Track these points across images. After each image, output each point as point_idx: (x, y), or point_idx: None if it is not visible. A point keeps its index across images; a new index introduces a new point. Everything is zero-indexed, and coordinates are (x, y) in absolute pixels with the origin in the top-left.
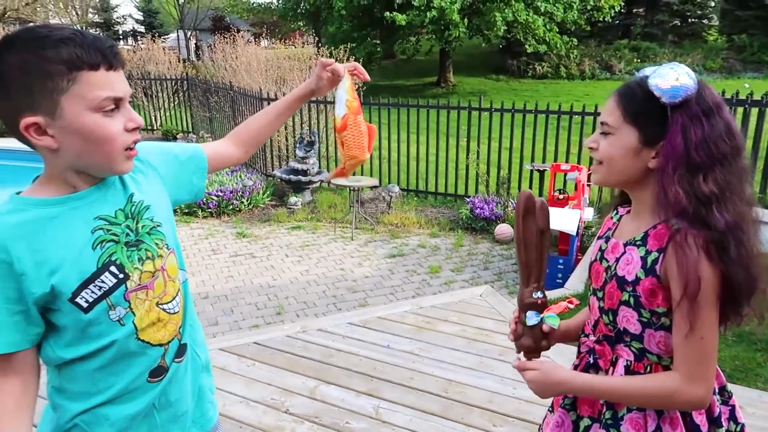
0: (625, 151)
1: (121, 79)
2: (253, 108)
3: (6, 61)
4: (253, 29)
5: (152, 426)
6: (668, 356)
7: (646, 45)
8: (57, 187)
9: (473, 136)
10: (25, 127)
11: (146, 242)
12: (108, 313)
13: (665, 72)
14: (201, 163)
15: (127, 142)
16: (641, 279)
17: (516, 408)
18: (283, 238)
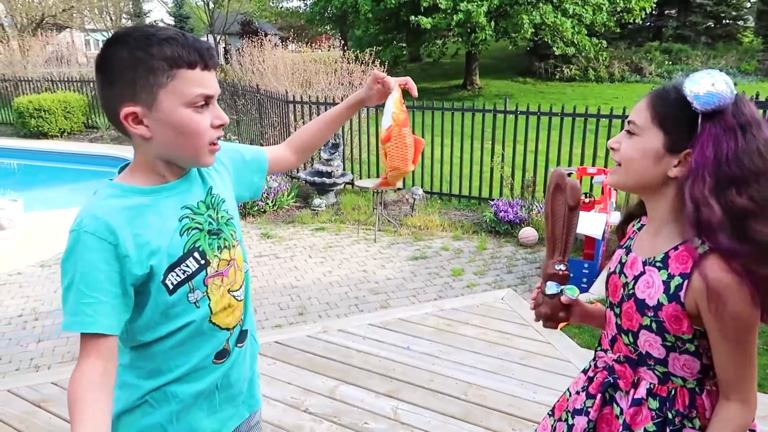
0: (647, 154)
1: (213, 78)
2: (278, 110)
3: (117, 55)
4: (280, 33)
5: (212, 405)
6: (693, 378)
7: (678, 47)
8: (146, 175)
9: (498, 139)
10: (125, 115)
11: (224, 232)
12: (188, 295)
13: (701, 77)
14: (262, 164)
15: (213, 137)
16: (664, 305)
17: (536, 412)
18: (307, 240)
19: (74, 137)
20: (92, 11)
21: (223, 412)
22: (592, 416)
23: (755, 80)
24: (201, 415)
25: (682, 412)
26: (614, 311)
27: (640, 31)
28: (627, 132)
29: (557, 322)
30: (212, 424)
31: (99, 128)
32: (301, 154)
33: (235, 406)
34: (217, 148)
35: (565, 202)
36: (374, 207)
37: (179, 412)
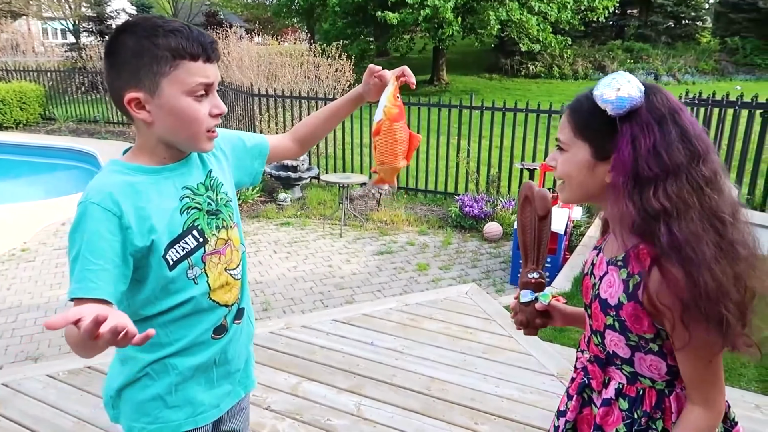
0: (580, 167)
1: (215, 70)
2: (244, 103)
3: (124, 43)
4: (246, 25)
5: (209, 379)
6: (661, 380)
7: (640, 46)
8: (148, 157)
9: (464, 135)
10: (128, 100)
11: (223, 213)
12: (187, 272)
13: (608, 82)
14: (264, 150)
15: (210, 125)
16: (624, 304)
17: (498, 406)
18: (272, 234)
19: (30, 129)
20: None
21: (220, 388)
22: (569, 417)
23: (712, 79)
24: (199, 388)
25: (648, 413)
26: (587, 312)
27: (604, 30)
28: (558, 148)
29: (535, 328)
30: (210, 398)
31: (56, 120)
32: (303, 144)
33: (232, 383)
34: (215, 135)
35: (535, 213)
36: (340, 202)
37: (178, 384)
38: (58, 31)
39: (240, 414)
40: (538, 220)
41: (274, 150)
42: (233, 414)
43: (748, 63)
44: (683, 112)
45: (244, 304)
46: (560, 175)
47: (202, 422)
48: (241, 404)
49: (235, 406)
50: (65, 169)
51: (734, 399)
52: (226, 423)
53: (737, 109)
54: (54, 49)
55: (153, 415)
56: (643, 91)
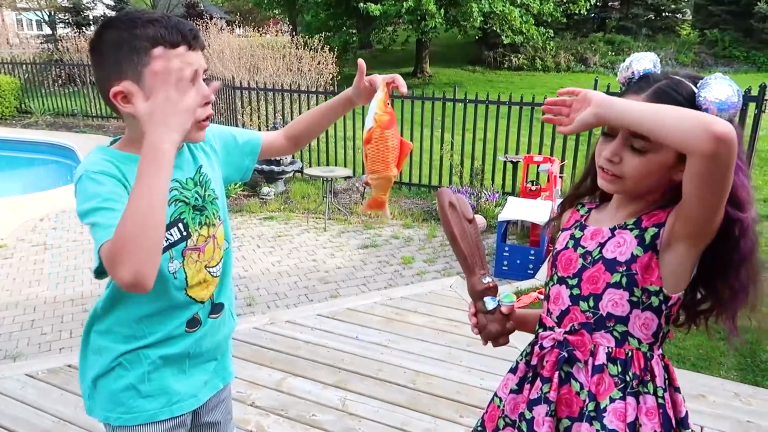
0: (662, 169)
1: (199, 57)
2: (225, 96)
3: (105, 37)
4: (227, 17)
5: (181, 369)
6: (647, 342)
7: (621, 38)
8: (138, 149)
9: (448, 127)
10: (114, 94)
11: (208, 209)
12: (168, 264)
13: (720, 85)
14: (255, 148)
15: (201, 115)
16: (639, 256)
17: (483, 399)
18: (255, 229)
19: (6, 122)
20: None
21: (195, 378)
22: (552, 397)
23: (691, 71)
24: (173, 378)
25: (638, 375)
26: (567, 284)
27: (585, 23)
28: (631, 146)
29: (508, 335)
30: (185, 388)
31: (33, 113)
32: (295, 142)
33: (206, 372)
34: (206, 125)
35: (462, 217)
36: (324, 195)
37: (150, 373)
38: (33, 23)
39: (220, 406)
40: (468, 223)
41: (266, 147)
42: (213, 406)
43: (727, 55)
44: None
45: (224, 300)
46: (631, 174)
47: (178, 412)
48: (221, 396)
49: (214, 398)
50: (43, 164)
51: (714, 387)
52: (206, 415)
53: None
54: (29, 40)
55: (127, 404)
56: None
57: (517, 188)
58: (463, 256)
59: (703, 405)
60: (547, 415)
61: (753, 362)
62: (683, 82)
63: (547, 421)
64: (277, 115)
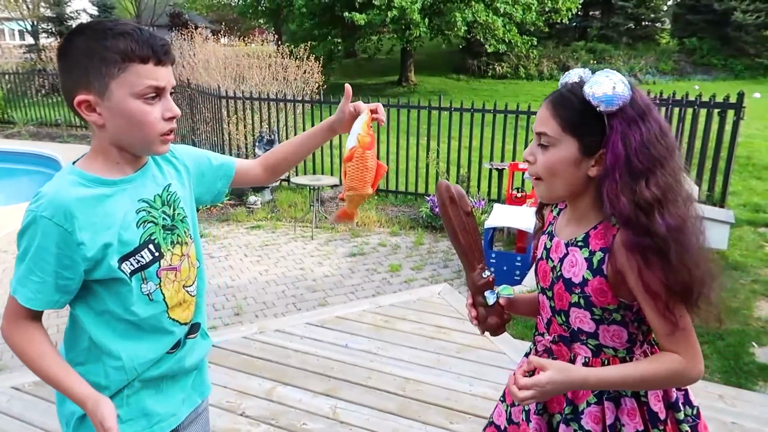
0: (567, 163)
1: (168, 73)
2: (211, 106)
3: (74, 44)
4: (212, 26)
5: (158, 389)
6: (623, 348)
7: (602, 47)
8: (103, 162)
9: (433, 135)
10: (78, 102)
11: (179, 228)
12: (141, 287)
13: (601, 80)
14: (229, 172)
15: (164, 128)
16: (589, 280)
17: (473, 405)
18: (242, 238)
19: None
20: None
21: (171, 396)
22: None
23: (672, 79)
24: (150, 400)
25: None
26: (546, 295)
27: (567, 31)
28: (540, 143)
29: (505, 325)
30: (164, 407)
31: (16, 123)
32: (272, 172)
33: (183, 390)
34: (170, 138)
35: (461, 211)
36: (311, 204)
37: (129, 397)
38: (16, 32)
39: (198, 419)
40: (466, 216)
41: (241, 174)
42: (191, 420)
43: (706, 63)
44: (654, 108)
45: (200, 320)
46: (543, 171)
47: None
48: (198, 410)
49: (192, 413)
50: (26, 174)
51: (698, 389)
52: (184, 430)
53: (696, 109)
54: (12, 50)
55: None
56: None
57: (502, 195)
58: (463, 250)
59: None
60: (536, 413)
61: (736, 365)
62: (578, 86)
63: (535, 418)
64: (263, 124)
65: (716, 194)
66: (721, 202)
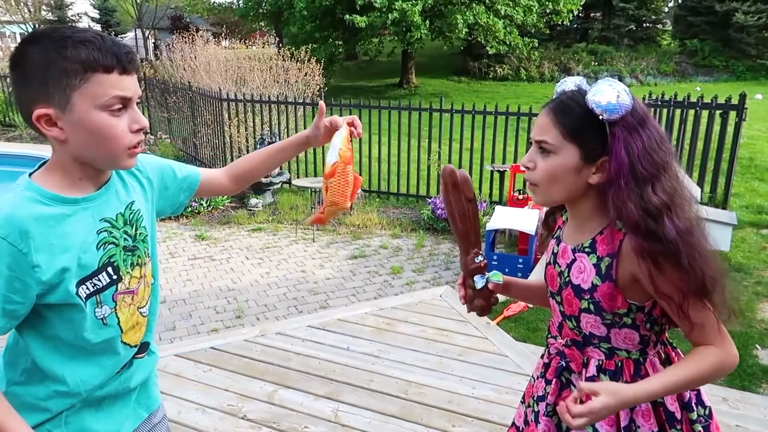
0: (569, 170)
1: (133, 82)
2: (212, 108)
3: (29, 54)
4: (213, 29)
5: (98, 407)
6: (636, 350)
7: (603, 48)
8: (63, 178)
9: (434, 137)
10: (37, 117)
11: (140, 249)
12: (95, 310)
13: (605, 89)
14: (193, 184)
15: (131, 141)
16: (598, 286)
17: (475, 408)
18: (244, 241)
19: None
20: (8, 2)
21: (112, 414)
22: (549, 400)
23: (673, 81)
24: (90, 418)
25: (628, 382)
26: (556, 300)
27: (568, 33)
28: (540, 150)
29: (491, 307)
30: (105, 426)
31: (17, 126)
32: (238, 182)
33: (126, 406)
34: (137, 151)
35: (463, 197)
36: (312, 206)
37: (68, 416)
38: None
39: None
40: (468, 203)
41: (206, 184)
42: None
43: (707, 65)
44: (650, 115)
45: (149, 338)
46: (543, 177)
47: None
48: (153, 420)
49: (142, 426)
50: None
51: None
52: None
53: (698, 110)
54: None
55: None
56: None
57: (504, 197)
58: (459, 234)
59: None
60: (545, 415)
61: (740, 367)
62: (579, 93)
63: (544, 419)
64: (264, 127)
65: (718, 196)
66: (723, 203)
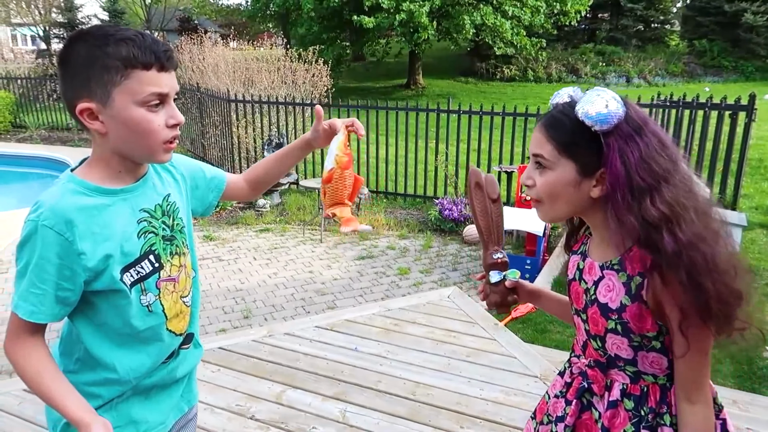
0: (566, 186)
1: (170, 79)
2: (220, 109)
3: (75, 51)
4: (221, 30)
5: (147, 396)
6: (663, 375)
7: (611, 49)
8: (104, 170)
9: (442, 138)
10: (80, 110)
11: (177, 239)
12: (140, 298)
13: (593, 99)
14: (220, 185)
15: (167, 136)
16: (627, 306)
17: (483, 409)
18: (251, 241)
19: (1, 137)
20: (19, 4)
21: (160, 404)
22: (569, 422)
23: (681, 81)
24: (138, 406)
25: (654, 409)
26: (581, 317)
27: (576, 34)
28: (537, 165)
29: (507, 305)
30: (153, 415)
31: (28, 128)
32: (256, 188)
33: (172, 398)
34: (172, 146)
35: (487, 197)
36: (319, 207)
37: (117, 403)
38: (28, 38)
39: (187, 426)
40: (492, 203)
41: (229, 187)
42: (179, 429)
43: (716, 65)
44: (651, 120)
45: (193, 330)
46: (543, 193)
47: None
48: (188, 416)
49: (180, 420)
50: (38, 178)
51: None
52: None
53: (707, 111)
54: (24, 55)
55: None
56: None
57: (512, 198)
58: (481, 231)
59: None
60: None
61: (750, 369)
62: (570, 106)
63: None
64: (272, 128)
65: (728, 197)
66: (732, 204)
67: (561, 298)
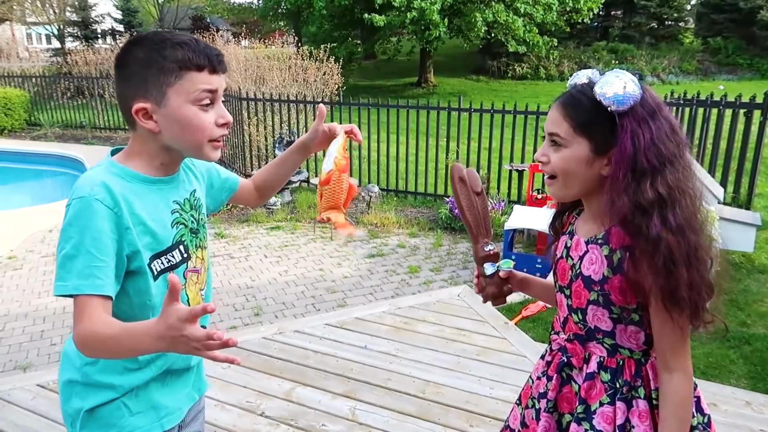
0: (580, 162)
1: (221, 81)
2: (231, 108)
3: (134, 54)
4: (233, 29)
5: (163, 383)
6: (639, 350)
7: (624, 47)
8: (147, 162)
9: (453, 136)
10: (136, 110)
11: (201, 233)
12: None
13: (612, 80)
14: (233, 186)
15: (216, 134)
16: (609, 278)
17: (493, 408)
18: (262, 239)
19: (16, 135)
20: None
21: (176, 390)
22: (551, 396)
23: (695, 79)
24: (156, 392)
25: (629, 382)
26: (564, 293)
27: (588, 31)
28: (552, 143)
29: (505, 296)
30: (171, 402)
31: (42, 126)
32: (262, 194)
33: (186, 385)
34: (220, 145)
35: (471, 191)
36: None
37: (138, 390)
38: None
39: (198, 416)
40: (476, 196)
41: (241, 189)
42: (192, 417)
43: (730, 63)
44: (665, 106)
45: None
46: (556, 170)
47: (168, 425)
48: (198, 406)
49: (192, 409)
50: (52, 176)
51: (725, 396)
52: (186, 428)
53: (721, 109)
54: (38, 54)
55: (119, 425)
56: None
57: (523, 197)
58: (469, 225)
59: (715, 414)
60: (546, 411)
61: (764, 370)
62: (588, 86)
63: (545, 416)
64: (283, 126)
65: (742, 196)
66: (747, 204)
67: (546, 282)
